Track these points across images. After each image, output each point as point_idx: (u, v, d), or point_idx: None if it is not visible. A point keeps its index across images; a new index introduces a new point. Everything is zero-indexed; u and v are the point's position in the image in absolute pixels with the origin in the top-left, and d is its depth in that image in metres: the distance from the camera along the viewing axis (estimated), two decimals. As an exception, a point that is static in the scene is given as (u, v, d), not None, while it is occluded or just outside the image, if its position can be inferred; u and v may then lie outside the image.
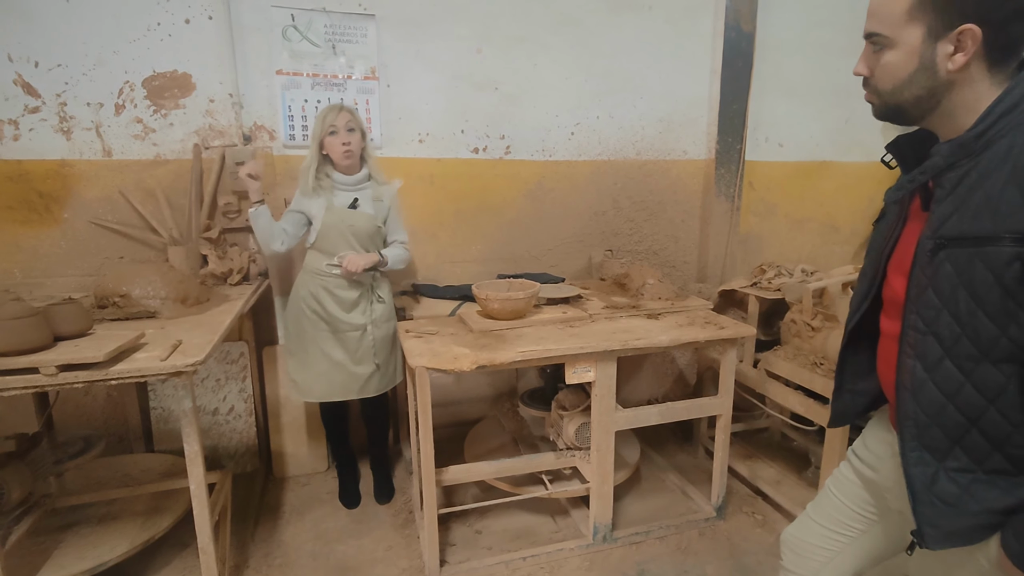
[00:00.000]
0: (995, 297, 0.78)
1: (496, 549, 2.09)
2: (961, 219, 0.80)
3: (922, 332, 0.86)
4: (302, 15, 2.38)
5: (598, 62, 2.79)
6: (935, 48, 0.82)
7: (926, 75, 0.84)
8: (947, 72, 0.83)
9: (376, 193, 2.18)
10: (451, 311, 2.29)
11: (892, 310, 0.98)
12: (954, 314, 0.82)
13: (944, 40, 0.82)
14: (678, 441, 2.88)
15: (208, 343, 1.58)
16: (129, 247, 2.38)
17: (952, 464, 0.86)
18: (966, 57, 0.81)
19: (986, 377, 0.81)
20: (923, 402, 0.87)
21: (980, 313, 0.80)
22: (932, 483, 0.87)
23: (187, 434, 1.53)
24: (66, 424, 2.40)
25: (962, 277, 0.80)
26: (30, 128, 2.21)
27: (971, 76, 0.82)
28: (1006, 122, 0.79)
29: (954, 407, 0.84)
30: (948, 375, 0.84)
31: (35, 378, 1.36)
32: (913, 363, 0.88)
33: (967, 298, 0.80)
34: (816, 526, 1.22)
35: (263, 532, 2.19)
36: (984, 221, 0.78)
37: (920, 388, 0.87)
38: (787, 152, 3.17)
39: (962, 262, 0.80)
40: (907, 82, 0.86)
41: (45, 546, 1.83)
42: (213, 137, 2.39)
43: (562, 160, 2.85)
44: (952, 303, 0.82)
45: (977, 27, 0.78)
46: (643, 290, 2.40)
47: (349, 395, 2.20)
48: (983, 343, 0.81)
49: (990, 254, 0.77)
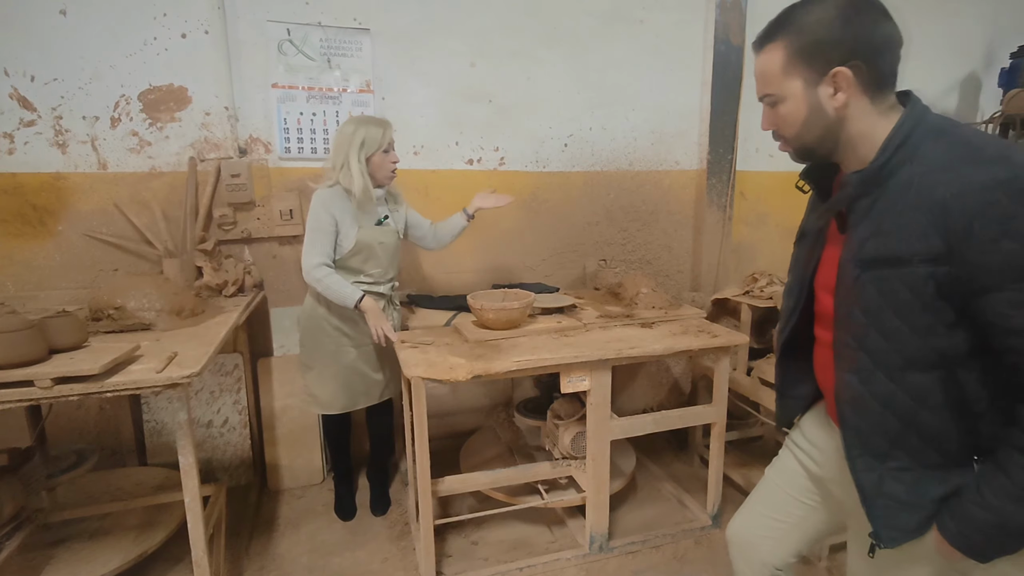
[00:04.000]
0: (916, 313, 0.85)
1: (492, 560, 2.08)
2: (877, 243, 0.88)
3: (853, 348, 0.93)
4: (298, 29, 2.41)
5: (591, 75, 2.83)
6: (816, 92, 0.92)
7: (817, 117, 0.93)
8: (834, 111, 0.92)
9: (392, 206, 2.21)
10: (446, 321, 2.30)
11: (824, 321, 1.05)
12: (880, 330, 0.89)
13: (822, 84, 0.91)
14: (673, 450, 2.88)
15: (203, 355, 1.58)
16: (124, 259, 2.38)
17: (893, 464, 0.93)
18: (845, 95, 0.90)
19: (915, 384, 0.89)
20: (862, 413, 0.94)
21: (904, 328, 0.87)
22: (880, 485, 0.94)
23: (182, 447, 1.53)
24: (58, 438, 2.37)
25: (885, 297, 0.87)
26: (25, 141, 2.22)
27: (857, 110, 0.91)
28: (902, 153, 0.87)
29: (890, 414, 0.91)
30: (881, 386, 0.91)
31: (30, 391, 1.35)
32: (849, 377, 0.95)
33: (891, 316, 0.87)
34: (760, 516, 1.29)
35: (258, 545, 2.17)
36: (898, 244, 0.85)
37: (858, 400, 0.94)
38: (777, 162, 3.21)
39: (883, 283, 0.87)
40: (805, 126, 0.95)
41: (37, 562, 1.81)
42: (209, 150, 2.40)
43: (556, 171, 2.88)
44: (878, 321, 0.89)
45: (846, 68, 0.88)
46: (637, 299, 2.42)
47: (371, 401, 2.23)
48: (909, 354, 0.88)
49: (907, 275, 0.84)
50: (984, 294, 0.80)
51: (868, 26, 0.88)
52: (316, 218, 2.01)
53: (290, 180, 2.52)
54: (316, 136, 2.51)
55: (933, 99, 3.79)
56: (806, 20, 0.91)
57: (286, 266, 2.60)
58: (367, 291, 2.06)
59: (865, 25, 0.88)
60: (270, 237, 2.53)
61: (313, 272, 2.00)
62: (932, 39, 3.42)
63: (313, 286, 2.04)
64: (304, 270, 2.01)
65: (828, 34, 0.89)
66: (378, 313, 2.02)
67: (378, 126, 2.03)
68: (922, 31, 3.39)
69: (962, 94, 3.62)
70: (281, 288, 2.61)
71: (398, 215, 2.21)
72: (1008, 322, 0.79)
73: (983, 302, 0.81)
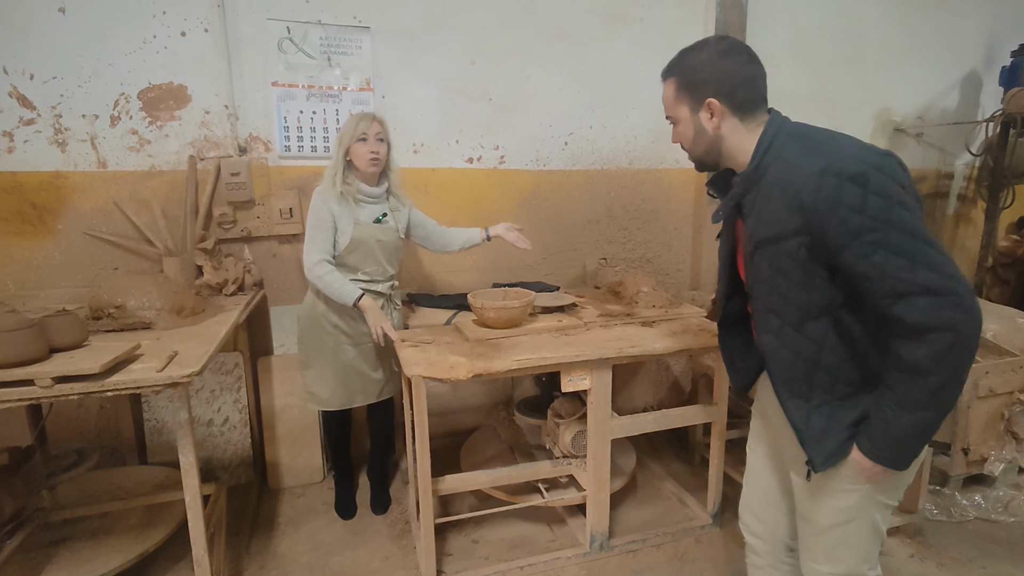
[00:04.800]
0: (797, 274, 1.09)
1: (493, 559, 2.08)
2: (762, 226, 1.12)
3: (764, 312, 1.18)
4: (298, 27, 2.40)
5: (591, 73, 2.82)
6: (698, 116, 1.19)
7: (701, 135, 1.20)
8: (712, 130, 1.18)
9: (393, 204, 2.20)
10: (447, 320, 2.30)
11: None
12: (777, 292, 1.14)
13: (701, 111, 1.18)
14: (674, 449, 2.88)
15: (204, 354, 1.57)
16: (124, 258, 2.37)
17: (815, 402, 1.16)
18: (718, 119, 1.16)
19: (813, 331, 1.13)
20: (781, 363, 1.18)
21: (793, 287, 1.11)
22: (807, 420, 1.17)
23: (182, 446, 1.53)
24: (59, 437, 2.38)
25: (774, 267, 1.12)
26: (25, 140, 2.21)
27: (730, 128, 1.17)
28: (768, 158, 1.11)
29: (801, 360, 1.15)
30: (790, 338, 1.15)
31: (30, 390, 1.35)
32: (767, 337, 1.19)
33: (782, 280, 1.12)
34: (759, 491, 1.46)
35: (258, 544, 2.17)
36: (774, 226, 1.09)
37: (776, 353, 1.19)
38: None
39: (771, 256, 1.12)
40: (694, 142, 1.23)
41: (37, 561, 1.81)
42: (208, 148, 2.40)
43: (556, 169, 2.88)
44: (774, 286, 1.14)
45: (715, 99, 1.15)
46: (637, 298, 2.42)
47: (369, 399, 2.22)
48: (802, 307, 1.12)
49: (785, 246, 1.09)
50: (838, 253, 1.03)
51: (730, 68, 1.14)
52: (315, 215, 2.02)
53: (290, 178, 2.51)
54: (316, 134, 2.50)
55: (935, 96, 3.80)
56: (688, 62, 1.19)
57: (286, 265, 2.60)
58: (365, 289, 2.06)
59: (728, 67, 1.14)
60: (270, 236, 2.53)
61: (314, 269, 2.00)
62: (933, 37, 3.42)
63: (314, 283, 2.04)
64: (305, 267, 2.02)
65: (701, 74, 1.16)
66: (377, 312, 2.02)
67: (355, 119, 2.03)
68: (923, 30, 3.40)
69: (963, 92, 3.61)
70: (281, 287, 2.61)
71: (399, 214, 2.20)
72: (858, 270, 1.02)
73: (840, 259, 1.04)
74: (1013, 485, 2.34)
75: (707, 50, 1.16)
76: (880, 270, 0.99)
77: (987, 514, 2.27)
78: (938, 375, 0.99)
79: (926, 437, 1.07)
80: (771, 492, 1.42)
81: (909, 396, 1.03)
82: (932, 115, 3.57)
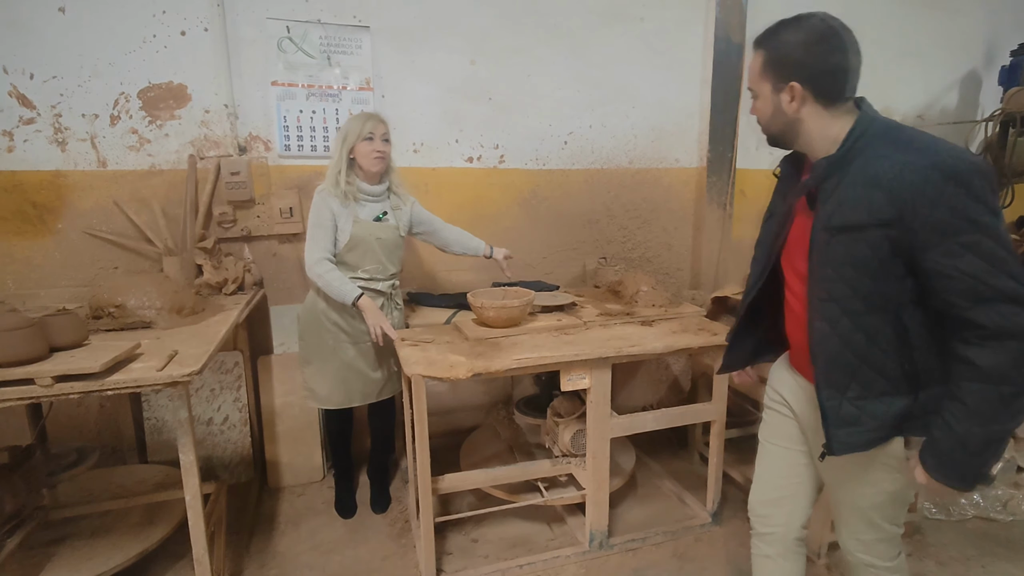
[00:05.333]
0: (875, 265, 1.08)
1: (493, 557, 2.09)
2: (843, 213, 1.09)
3: (824, 300, 1.15)
4: (297, 27, 2.40)
5: (591, 72, 2.82)
6: (779, 97, 1.16)
7: (779, 115, 1.18)
8: (792, 113, 1.15)
9: (394, 203, 2.19)
10: (446, 319, 2.30)
11: (795, 285, 1.27)
12: (846, 282, 1.11)
13: (783, 92, 1.15)
14: (673, 447, 2.89)
15: (204, 353, 1.58)
16: (124, 257, 2.38)
17: (851, 394, 1.16)
18: (798, 103, 1.14)
19: (870, 324, 1.12)
20: (829, 352, 1.17)
21: (865, 278, 1.09)
22: (839, 409, 1.17)
23: (182, 444, 1.53)
24: (59, 436, 2.38)
25: (849, 256, 1.10)
26: (25, 139, 2.21)
27: (811, 114, 1.14)
28: (860, 145, 1.10)
29: (849, 351, 1.14)
30: (845, 328, 1.14)
31: (31, 389, 1.36)
32: (821, 324, 1.17)
33: (854, 269, 1.10)
34: (770, 479, 1.47)
35: (258, 543, 2.18)
36: (859, 214, 1.07)
37: (826, 341, 1.17)
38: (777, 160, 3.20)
39: (848, 244, 1.09)
40: (771, 120, 1.20)
41: (38, 559, 1.81)
42: (208, 148, 2.40)
43: (556, 169, 2.88)
44: (844, 274, 1.11)
45: (798, 83, 1.12)
46: (637, 297, 2.42)
47: (368, 399, 2.22)
48: (868, 299, 1.11)
49: (867, 236, 1.07)
50: (925, 249, 1.02)
51: (822, 55, 1.10)
52: (316, 214, 2.03)
53: (290, 178, 2.51)
54: (316, 134, 2.51)
55: (934, 96, 3.80)
56: (781, 38, 1.14)
57: (286, 264, 2.60)
58: (364, 287, 2.07)
59: (820, 54, 1.10)
60: (270, 235, 2.53)
61: (315, 267, 2.01)
62: (933, 37, 3.42)
63: (314, 281, 2.05)
64: (306, 265, 2.02)
65: (791, 55, 1.12)
66: (376, 311, 2.02)
67: (361, 118, 2.04)
68: (923, 29, 3.39)
69: (962, 92, 3.61)
70: (281, 286, 2.61)
71: (401, 213, 2.20)
72: (942, 269, 1.01)
73: (924, 255, 1.03)
74: (1012, 484, 2.34)
75: (805, 29, 1.11)
76: (964, 272, 0.99)
77: (986, 513, 2.28)
78: (1014, 384, 0.99)
79: (997, 451, 1.05)
80: (788, 483, 1.44)
81: (982, 407, 1.01)
82: (932, 114, 3.57)
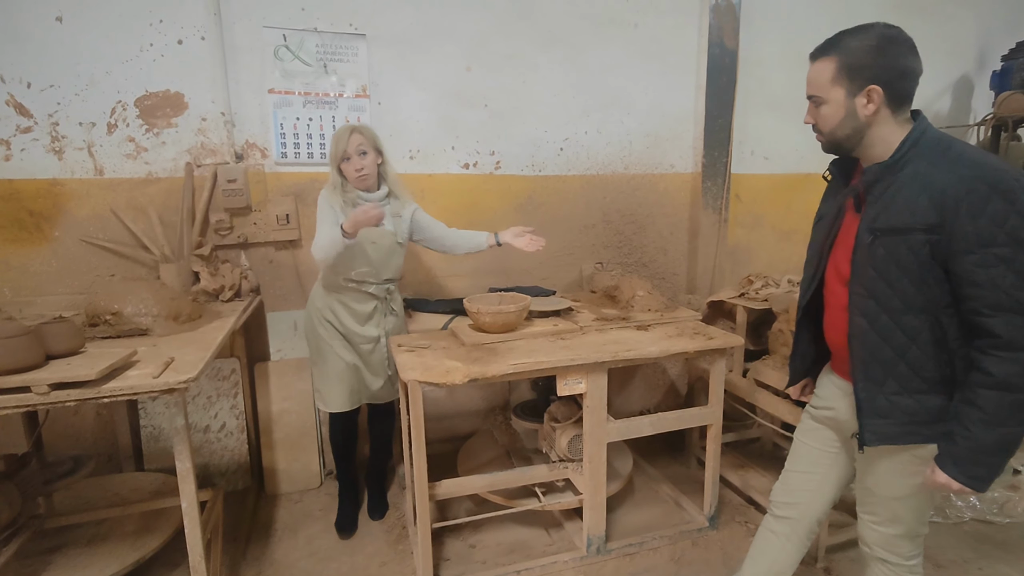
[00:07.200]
0: (914, 268, 1.15)
1: (490, 563, 2.08)
2: (888, 217, 1.17)
3: (864, 296, 1.22)
4: (294, 35, 2.42)
5: (586, 79, 2.84)
6: (854, 102, 1.21)
7: (850, 120, 1.22)
8: (865, 117, 1.20)
9: (394, 209, 2.19)
10: (443, 325, 2.31)
11: (838, 286, 1.32)
12: (887, 281, 1.18)
13: (859, 96, 1.20)
14: (670, 452, 2.88)
15: (200, 360, 1.58)
16: (120, 265, 2.38)
17: (887, 390, 1.23)
18: (875, 106, 1.19)
19: (910, 324, 1.18)
20: (867, 346, 1.23)
21: (904, 279, 1.16)
22: (873, 402, 1.24)
23: (179, 452, 1.53)
24: (55, 444, 2.38)
25: (891, 256, 1.17)
26: (22, 148, 2.22)
27: (881, 118, 1.20)
28: (912, 152, 1.17)
29: (888, 347, 1.21)
30: (883, 325, 1.20)
31: (27, 397, 1.35)
32: (859, 319, 1.23)
33: (895, 269, 1.16)
34: (796, 474, 1.54)
35: (255, 550, 2.17)
36: (904, 218, 1.14)
37: (865, 336, 1.23)
38: (772, 165, 3.23)
39: (891, 246, 1.16)
40: (839, 125, 1.24)
41: (34, 568, 1.80)
42: (205, 155, 2.41)
43: (552, 175, 2.89)
44: (885, 274, 1.18)
45: (878, 86, 1.17)
46: (633, 302, 2.43)
47: (373, 399, 2.25)
48: (907, 300, 1.17)
49: (910, 239, 1.14)
50: (961, 255, 1.09)
51: (896, 57, 1.17)
52: (321, 212, 2.06)
53: (286, 185, 2.52)
54: (312, 141, 2.52)
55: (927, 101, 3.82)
56: (852, 45, 1.19)
57: (283, 271, 2.60)
58: (355, 288, 2.10)
59: (894, 56, 1.17)
60: (267, 242, 2.54)
61: (313, 249, 2.01)
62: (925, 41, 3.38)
63: (318, 257, 1.99)
64: (313, 252, 2.01)
65: (866, 59, 1.17)
66: (358, 211, 1.91)
67: (336, 138, 2.06)
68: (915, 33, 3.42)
69: (954, 96, 3.64)
70: (278, 292, 2.61)
71: (399, 220, 2.20)
72: (973, 276, 1.08)
73: (957, 261, 1.10)
74: (1008, 487, 2.35)
75: (873, 35, 1.18)
76: (994, 282, 1.06)
77: (982, 515, 2.28)
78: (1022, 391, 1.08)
79: (1011, 452, 1.13)
80: (815, 478, 1.50)
81: (997, 413, 1.10)
82: (925, 119, 3.59)
